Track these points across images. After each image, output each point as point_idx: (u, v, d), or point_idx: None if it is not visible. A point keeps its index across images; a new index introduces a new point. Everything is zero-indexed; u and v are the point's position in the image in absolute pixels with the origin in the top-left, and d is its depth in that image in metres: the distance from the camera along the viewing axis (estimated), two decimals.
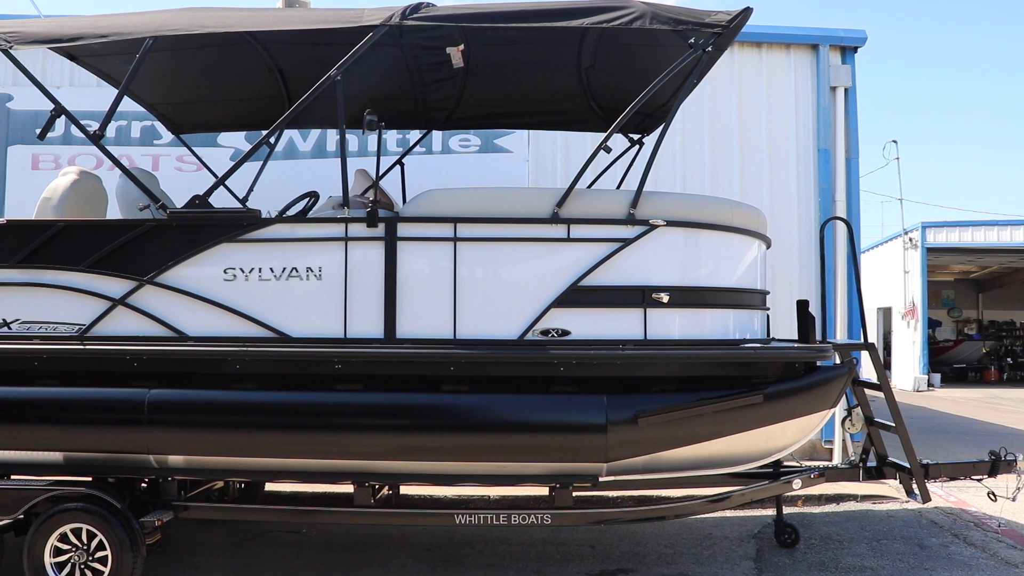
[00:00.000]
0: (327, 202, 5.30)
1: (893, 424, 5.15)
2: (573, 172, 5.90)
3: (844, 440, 8.02)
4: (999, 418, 13.59)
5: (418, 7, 4.61)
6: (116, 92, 4.74)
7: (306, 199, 5.42)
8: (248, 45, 5.62)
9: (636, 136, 6.51)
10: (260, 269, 4.46)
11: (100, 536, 4.40)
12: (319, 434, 4.43)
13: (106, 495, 4.44)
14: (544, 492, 5.15)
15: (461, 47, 5.20)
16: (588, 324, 4.39)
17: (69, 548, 4.44)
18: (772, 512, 6.02)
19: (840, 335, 8.08)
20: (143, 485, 4.87)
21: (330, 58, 4.61)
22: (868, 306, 6.73)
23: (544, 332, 4.38)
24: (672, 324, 4.48)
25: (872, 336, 6.02)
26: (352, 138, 7.94)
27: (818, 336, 5.33)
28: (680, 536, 5.94)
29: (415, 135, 7.70)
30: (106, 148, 4.67)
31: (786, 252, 8.08)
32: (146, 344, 4.45)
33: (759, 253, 4.97)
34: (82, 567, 4.41)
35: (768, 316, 5.23)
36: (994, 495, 5.38)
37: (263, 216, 4.55)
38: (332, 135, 8.12)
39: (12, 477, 4.72)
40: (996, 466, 5.30)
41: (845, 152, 8.39)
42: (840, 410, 5.88)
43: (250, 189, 6.51)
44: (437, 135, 8.01)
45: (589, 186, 6.23)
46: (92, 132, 4.62)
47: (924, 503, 5.14)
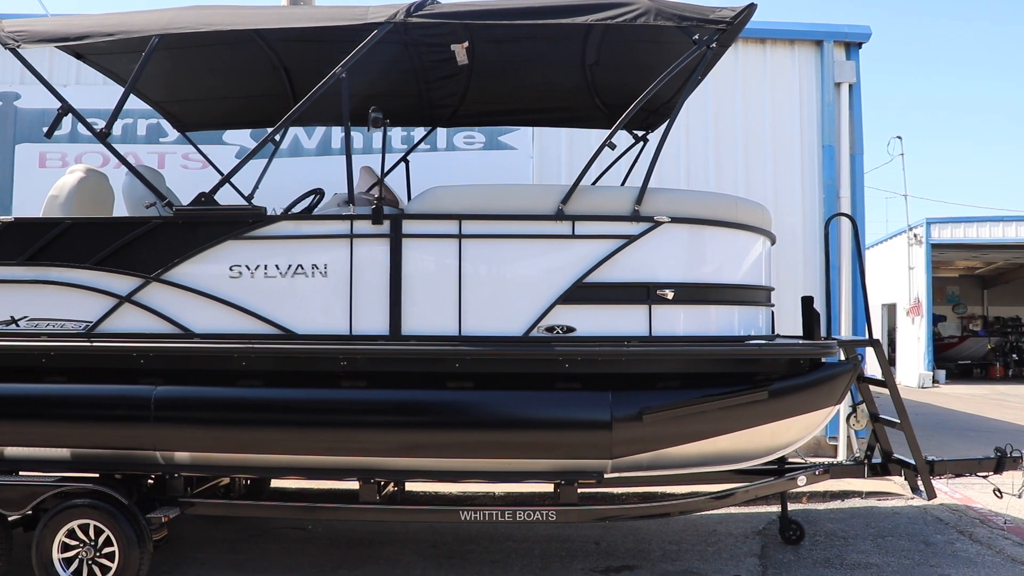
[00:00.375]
0: (332, 199, 5.31)
1: (898, 420, 5.15)
2: (577, 169, 5.89)
3: (849, 436, 8.01)
4: (1005, 415, 13.55)
5: (422, 4, 4.61)
6: (122, 90, 4.75)
7: (311, 196, 5.44)
8: (253, 43, 5.64)
9: (640, 133, 6.52)
10: (266, 266, 4.48)
11: (107, 532, 4.43)
12: (325, 431, 4.45)
13: (113, 491, 4.47)
14: (549, 489, 5.17)
15: (465, 44, 5.21)
16: (593, 321, 4.39)
17: (77, 544, 4.47)
18: (777, 509, 6.03)
19: (845, 331, 8.07)
20: (150, 481, 4.90)
21: (335, 55, 4.62)
22: (873, 302, 6.72)
23: (549, 329, 4.39)
24: (677, 321, 4.49)
25: (877, 332, 6.01)
26: (357, 135, 7.95)
27: (823, 332, 5.32)
28: (685, 533, 5.95)
29: (419, 132, 7.71)
30: (112, 146, 4.68)
31: (791, 248, 8.06)
32: (152, 341, 4.47)
33: (764, 249, 4.97)
34: (90, 563, 4.45)
35: (773, 312, 5.22)
36: (1000, 492, 5.38)
37: (268, 213, 4.57)
38: (337, 133, 8.13)
39: (20, 473, 4.75)
40: (1002, 463, 5.30)
41: (849, 148, 8.36)
42: (845, 406, 5.89)
43: (255, 186, 6.55)
44: (442, 132, 8.01)
45: (594, 183, 6.23)
46: (99, 130, 4.65)
47: (929, 500, 5.15)
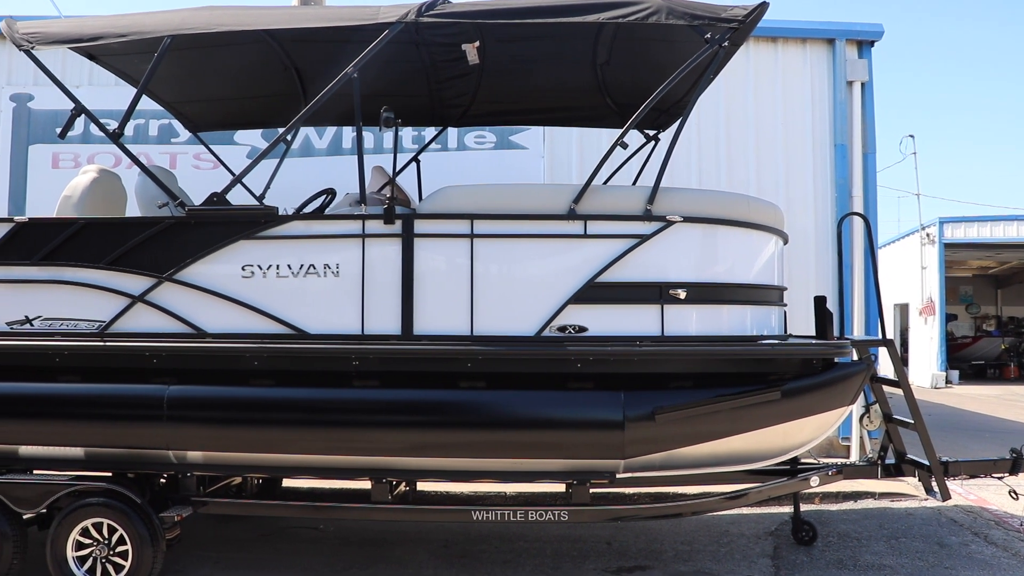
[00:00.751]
0: (344, 199, 5.32)
1: (912, 421, 5.11)
2: (589, 168, 5.88)
3: (862, 437, 7.96)
4: (1019, 415, 13.44)
5: (433, 4, 4.61)
6: (135, 91, 4.77)
7: (323, 196, 5.45)
8: (265, 43, 5.65)
9: (652, 132, 6.49)
10: (278, 266, 4.49)
11: (121, 531, 4.46)
12: (337, 430, 4.46)
13: (126, 490, 4.50)
14: (561, 489, 5.16)
15: (476, 43, 5.21)
16: (605, 320, 4.38)
17: (91, 542, 4.50)
18: (789, 509, 6.00)
19: (858, 331, 8.03)
20: (163, 480, 4.92)
21: (346, 56, 4.62)
22: (885, 302, 6.67)
23: (561, 328, 4.38)
24: (689, 320, 4.47)
25: (889, 332, 5.98)
26: (368, 135, 7.96)
27: (836, 332, 5.29)
28: (697, 533, 5.93)
29: (430, 132, 7.72)
30: (125, 146, 4.71)
31: (803, 248, 8.02)
32: (165, 341, 4.49)
33: (776, 249, 4.95)
34: (103, 561, 4.47)
35: (785, 312, 5.20)
36: (1015, 493, 5.33)
37: (280, 213, 4.58)
38: (348, 133, 8.14)
39: (35, 472, 4.77)
40: (1017, 464, 5.26)
41: (862, 147, 8.31)
42: (858, 407, 5.85)
43: (267, 187, 6.57)
44: (453, 132, 8.01)
45: (605, 182, 6.21)
46: (111, 131, 4.69)
47: (943, 501, 5.10)
